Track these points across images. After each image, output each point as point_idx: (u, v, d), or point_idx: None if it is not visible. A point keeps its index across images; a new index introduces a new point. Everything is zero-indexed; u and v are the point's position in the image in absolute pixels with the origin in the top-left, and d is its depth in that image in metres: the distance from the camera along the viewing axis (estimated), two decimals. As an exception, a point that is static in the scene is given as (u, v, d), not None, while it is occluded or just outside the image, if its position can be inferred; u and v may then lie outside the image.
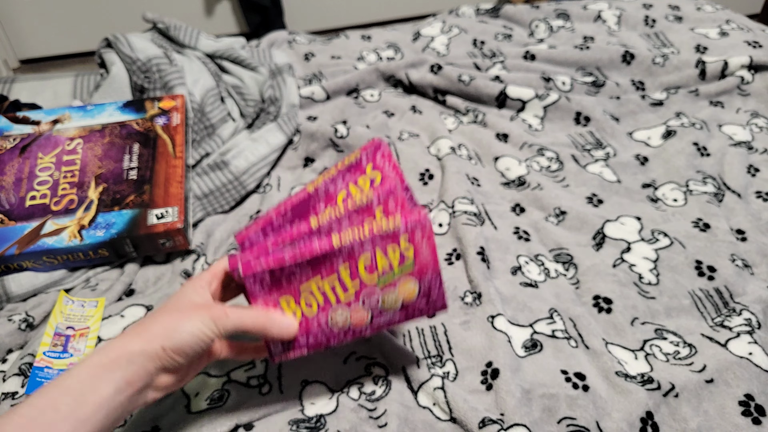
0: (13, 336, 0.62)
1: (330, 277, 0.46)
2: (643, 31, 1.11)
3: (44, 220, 0.69)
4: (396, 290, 0.48)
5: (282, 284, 0.46)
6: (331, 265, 0.46)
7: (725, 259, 0.68)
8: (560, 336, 0.60)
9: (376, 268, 0.47)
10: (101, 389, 0.40)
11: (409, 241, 0.46)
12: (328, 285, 0.47)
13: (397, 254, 0.47)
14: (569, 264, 0.69)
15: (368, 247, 0.46)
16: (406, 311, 0.49)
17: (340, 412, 0.54)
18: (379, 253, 0.46)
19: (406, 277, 0.48)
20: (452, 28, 1.12)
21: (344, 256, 0.46)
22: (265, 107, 0.93)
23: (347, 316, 0.48)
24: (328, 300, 0.47)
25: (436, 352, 0.59)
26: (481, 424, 0.51)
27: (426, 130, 0.90)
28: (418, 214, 0.47)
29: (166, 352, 0.42)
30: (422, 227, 0.46)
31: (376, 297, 0.48)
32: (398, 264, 0.47)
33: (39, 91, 0.95)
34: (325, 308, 0.48)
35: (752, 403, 0.54)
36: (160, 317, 0.44)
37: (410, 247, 0.47)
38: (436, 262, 0.48)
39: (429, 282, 0.48)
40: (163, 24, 0.99)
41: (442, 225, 0.73)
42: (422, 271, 0.48)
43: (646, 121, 0.93)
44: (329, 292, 0.47)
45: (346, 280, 0.47)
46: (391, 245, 0.46)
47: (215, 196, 0.79)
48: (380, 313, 0.49)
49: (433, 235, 0.47)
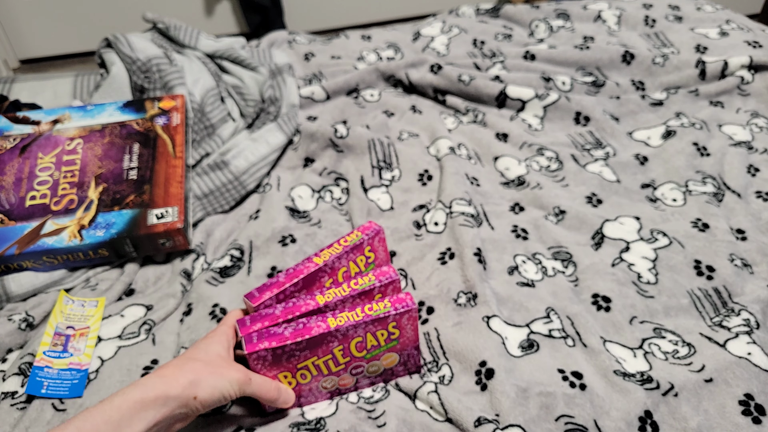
0: (13, 336, 0.62)
1: (324, 357, 0.52)
2: (643, 31, 1.11)
3: (44, 220, 0.69)
4: (380, 361, 0.55)
5: (282, 362, 0.51)
6: (327, 347, 0.52)
7: (724, 259, 0.68)
8: (557, 335, 0.60)
9: (365, 347, 0.53)
10: (136, 425, 0.43)
11: (395, 327, 0.53)
12: (322, 362, 0.53)
13: (384, 336, 0.53)
14: (568, 262, 0.69)
15: (360, 331, 0.52)
16: (385, 374, 0.57)
17: (339, 413, 0.54)
18: (369, 336, 0.53)
19: (390, 352, 0.55)
20: (452, 28, 1.12)
21: (339, 339, 0.52)
22: (265, 107, 0.93)
23: (335, 383, 0.55)
24: (321, 372, 0.53)
25: (431, 359, 0.59)
26: (477, 423, 0.51)
27: (426, 130, 0.90)
28: (407, 302, 0.53)
29: (196, 401, 0.46)
30: (409, 314, 0.53)
31: (363, 368, 0.55)
32: (385, 342, 0.54)
33: (39, 91, 0.95)
34: (317, 378, 0.54)
35: (752, 403, 0.54)
36: (199, 368, 0.47)
37: (396, 331, 0.53)
38: (416, 339, 0.55)
39: (408, 354, 0.56)
40: (163, 24, 0.99)
41: (438, 224, 0.73)
42: (404, 346, 0.55)
43: (646, 121, 0.93)
44: (323, 367, 0.53)
45: (338, 357, 0.53)
46: (381, 330, 0.53)
47: (215, 196, 0.79)
48: (364, 377, 0.56)
49: (417, 318, 0.54)
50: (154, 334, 0.63)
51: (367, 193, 0.80)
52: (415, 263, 0.70)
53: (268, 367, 0.51)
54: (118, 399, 0.44)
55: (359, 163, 0.84)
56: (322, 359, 0.52)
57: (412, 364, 0.57)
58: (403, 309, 0.52)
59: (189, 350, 0.50)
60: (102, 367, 0.60)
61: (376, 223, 0.61)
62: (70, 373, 0.58)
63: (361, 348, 0.53)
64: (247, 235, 0.75)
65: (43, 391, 0.56)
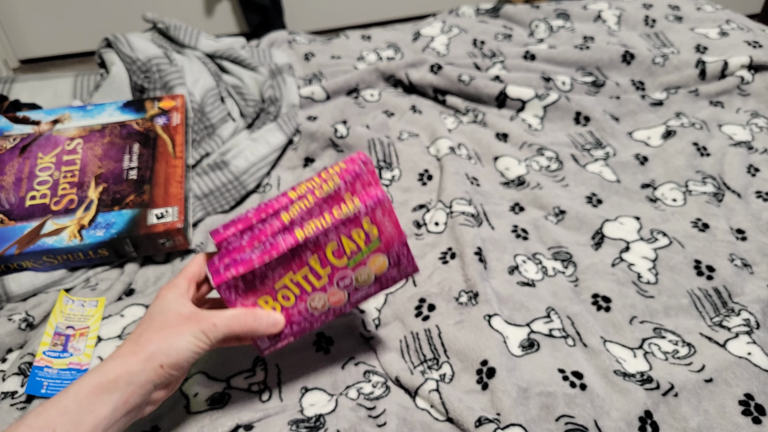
0: (12, 335, 0.62)
1: (302, 270, 0.48)
2: (643, 31, 1.11)
3: (44, 220, 0.69)
4: (367, 267, 0.50)
5: (257, 287, 0.48)
6: (300, 260, 0.47)
7: (724, 259, 0.68)
8: (557, 335, 0.60)
9: (345, 252, 0.48)
10: (98, 409, 0.41)
11: (371, 222, 0.48)
12: (300, 277, 0.48)
13: (362, 236, 0.48)
14: (568, 262, 0.69)
15: (333, 236, 0.47)
16: (380, 282, 0.52)
17: (339, 411, 0.54)
18: (345, 239, 0.48)
19: (375, 254, 0.49)
20: (452, 28, 1.12)
21: (311, 248, 0.47)
22: (265, 107, 0.93)
23: (325, 300, 0.50)
24: (303, 290, 0.49)
25: (432, 356, 0.59)
26: (477, 423, 0.51)
27: (426, 129, 0.90)
28: (376, 193, 0.48)
29: (164, 369, 0.43)
30: (381, 206, 0.48)
31: (350, 277, 0.50)
32: (365, 244, 0.49)
33: (39, 91, 0.95)
34: (302, 297, 0.49)
35: (752, 403, 0.54)
36: (154, 335, 0.44)
37: (373, 227, 0.48)
38: (400, 234, 0.50)
39: (397, 253, 0.50)
40: (163, 24, 0.99)
41: (438, 224, 0.73)
42: (389, 244, 0.50)
43: (646, 121, 0.93)
44: (303, 283, 0.49)
45: (317, 269, 0.48)
46: (355, 230, 0.48)
47: (215, 196, 0.79)
48: (356, 290, 0.51)
49: (393, 210, 0.49)
50: (154, 334, 0.63)
51: (367, 193, 0.80)
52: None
53: (244, 296, 0.48)
54: (74, 388, 0.41)
55: (359, 163, 0.84)
56: (299, 274, 0.48)
57: (405, 264, 0.52)
58: (373, 202, 0.47)
59: (142, 320, 0.47)
60: (102, 367, 0.60)
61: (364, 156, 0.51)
62: (70, 373, 0.58)
63: (340, 254, 0.48)
64: (247, 235, 0.75)
65: (43, 391, 0.56)
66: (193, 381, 0.57)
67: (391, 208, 0.49)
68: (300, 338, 0.51)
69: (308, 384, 0.57)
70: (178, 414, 0.54)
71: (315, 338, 0.61)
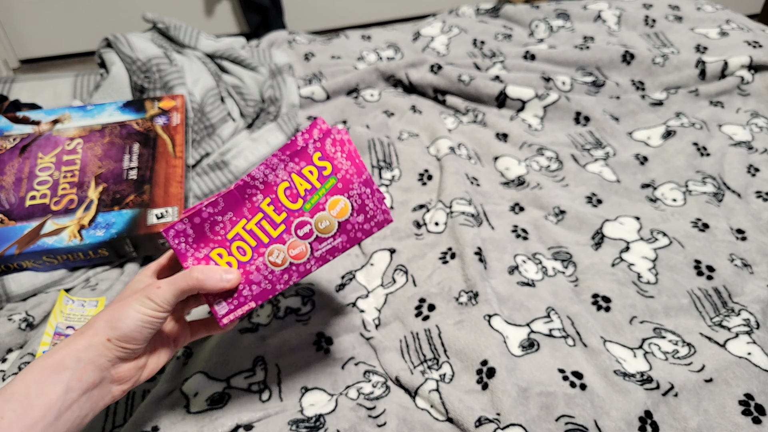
0: (13, 335, 0.62)
1: (255, 217, 0.45)
2: (643, 31, 1.11)
3: (44, 220, 0.69)
4: (326, 212, 0.45)
5: (207, 236, 0.45)
6: (252, 204, 0.44)
7: (724, 258, 0.68)
8: (557, 335, 0.60)
9: (299, 193, 0.45)
10: (48, 391, 0.40)
11: (323, 157, 0.44)
12: (254, 225, 0.45)
13: (315, 174, 0.44)
14: (568, 262, 0.69)
15: (283, 174, 0.44)
16: (347, 234, 0.46)
17: (339, 411, 0.54)
18: (296, 178, 0.44)
19: (333, 196, 0.45)
20: (452, 28, 1.12)
21: (262, 190, 0.44)
22: (265, 107, 0.93)
23: (284, 253, 0.46)
24: (259, 240, 0.45)
25: (432, 356, 0.59)
26: (477, 423, 0.51)
27: (426, 129, 0.90)
28: (326, 127, 0.44)
29: (112, 342, 0.42)
30: (331, 138, 0.44)
31: (308, 224, 0.45)
32: (319, 183, 0.45)
33: (39, 91, 0.95)
34: (258, 250, 0.45)
35: (752, 403, 0.54)
36: (103, 312, 0.44)
37: (326, 164, 0.45)
38: (361, 172, 0.45)
39: (360, 195, 0.46)
40: (163, 24, 0.99)
41: (438, 224, 0.73)
42: (347, 184, 0.45)
43: (645, 120, 0.93)
44: (258, 232, 0.45)
45: (272, 215, 0.45)
46: (307, 167, 0.44)
47: (215, 196, 0.79)
48: (318, 241, 0.46)
49: (349, 144, 0.45)
50: (154, 334, 0.63)
51: (367, 193, 0.80)
52: (416, 261, 0.70)
53: (195, 247, 0.45)
54: (21, 374, 0.40)
55: (359, 163, 0.84)
56: (253, 221, 0.44)
57: (373, 209, 0.46)
58: (322, 134, 0.43)
59: None
60: (102, 367, 0.60)
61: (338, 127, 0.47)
62: (70, 372, 0.58)
63: (294, 196, 0.44)
64: (247, 235, 0.75)
65: (43, 391, 0.56)
66: (193, 381, 0.57)
67: (344, 141, 0.44)
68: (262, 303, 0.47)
69: (308, 384, 0.57)
70: (178, 414, 0.54)
71: (315, 338, 0.61)
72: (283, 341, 0.60)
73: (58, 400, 0.40)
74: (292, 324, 0.62)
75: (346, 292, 0.67)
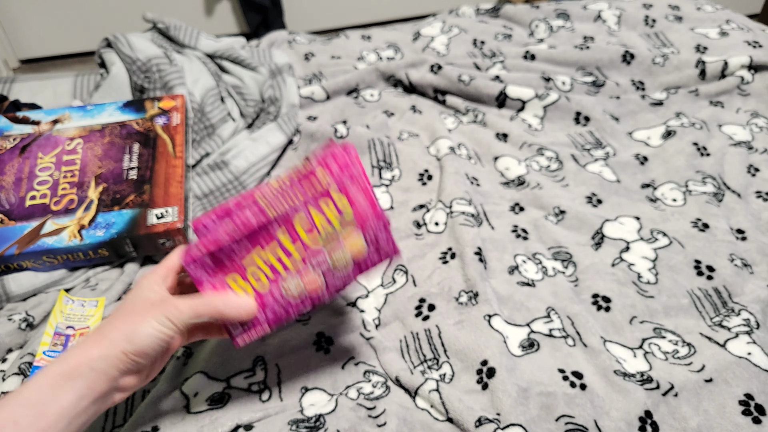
0: (13, 335, 0.62)
1: (270, 246, 0.45)
2: (643, 31, 1.11)
3: (44, 220, 0.69)
4: (343, 247, 0.46)
5: (224, 263, 0.46)
6: (268, 233, 0.45)
7: (724, 258, 0.68)
8: (557, 335, 0.60)
9: (315, 226, 0.45)
10: (62, 398, 0.40)
11: (340, 191, 0.45)
12: (271, 255, 0.45)
13: (332, 208, 0.45)
14: (568, 262, 0.69)
15: (299, 205, 0.44)
16: (359, 266, 0.48)
17: (339, 411, 0.54)
18: (314, 211, 0.45)
19: (349, 231, 0.46)
20: (452, 28, 1.12)
21: (279, 220, 0.45)
22: (265, 107, 0.93)
23: (300, 285, 0.47)
24: (276, 270, 0.46)
25: (432, 356, 0.59)
26: (477, 423, 0.51)
27: (426, 129, 0.90)
28: (345, 160, 0.44)
29: (127, 356, 0.43)
30: (349, 173, 0.44)
31: (324, 258, 0.46)
32: (336, 217, 0.45)
33: (39, 91, 0.95)
34: (275, 280, 0.46)
35: (752, 403, 0.54)
36: (118, 322, 0.44)
37: (343, 197, 0.45)
38: (374, 207, 0.46)
39: (373, 231, 0.47)
40: (163, 24, 0.99)
41: (438, 224, 0.73)
42: (363, 220, 0.46)
43: (645, 121, 0.93)
44: (275, 262, 0.46)
45: (287, 245, 0.45)
46: (323, 199, 0.45)
47: (215, 196, 0.79)
48: (333, 274, 0.47)
49: (364, 179, 0.45)
50: (154, 334, 0.63)
51: (367, 193, 0.80)
52: (416, 261, 0.70)
53: (212, 273, 0.46)
54: (36, 378, 0.40)
55: (359, 163, 0.84)
56: (268, 249, 0.45)
57: (385, 245, 0.48)
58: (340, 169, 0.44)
59: (115, 309, 0.46)
60: (102, 367, 0.60)
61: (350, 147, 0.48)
62: (70, 373, 0.58)
63: (310, 228, 0.45)
64: (247, 235, 0.75)
65: (43, 391, 0.56)
66: (193, 381, 0.57)
67: (361, 176, 0.45)
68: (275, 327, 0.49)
69: (308, 384, 0.57)
70: (178, 414, 0.54)
71: (315, 338, 0.61)
72: (283, 341, 0.60)
73: (70, 407, 0.40)
74: (292, 324, 0.63)
75: (346, 292, 0.67)
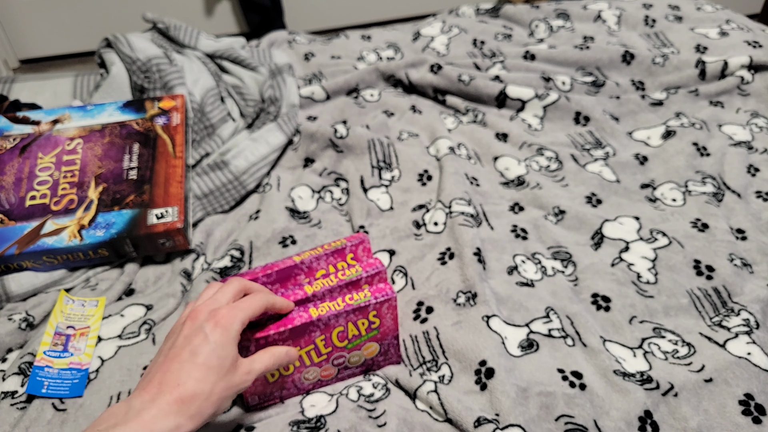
0: (13, 335, 0.62)
1: (307, 347, 0.53)
2: (643, 31, 1.11)
3: (44, 220, 0.69)
4: (361, 351, 0.56)
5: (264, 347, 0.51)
6: (309, 337, 0.52)
7: (724, 258, 0.68)
8: (557, 335, 0.60)
9: (347, 336, 0.54)
10: None
11: (376, 316, 0.54)
12: (304, 353, 0.53)
13: (365, 325, 0.54)
14: (567, 262, 0.69)
15: (342, 321, 0.53)
16: (366, 365, 0.58)
17: (339, 411, 0.54)
18: (351, 325, 0.53)
19: (371, 341, 0.56)
20: (452, 28, 1.12)
21: (321, 329, 0.52)
22: (265, 107, 0.93)
23: (318, 374, 0.56)
24: (303, 363, 0.54)
25: (431, 357, 0.59)
26: (476, 424, 0.51)
27: (426, 129, 0.90)
28: (387, 290, 0.54)
29: None
30: (389, 303, 0.54)
31: (344, 358, 0.56)
32: (366, 332, 0.55)
33: (39, 91, 0.95)
34: (299, 369, 0.54)
35: (752, 403, 0.54)
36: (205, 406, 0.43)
37: (377, 320, 0.54)
38: (396, 329, 0.56)
39: (388, 344, 0.57)
40: (163, 24, 0.99)
41: (437, 224, 0.73)
42: (384, 336, 0.56)
43: (645, 121, 0.93)
44: (305, 357, 0.54)
45: (321, 348, 0.54)
46: (361, 319, 0.54)
47: (215, 196, 0.79)
48: (346, 368, 0.57)
49: (396, 307, 0.54)
50: (154, 334, 0.63)
51: (367, 193, 0.80)
52: (415, 263, 0.70)
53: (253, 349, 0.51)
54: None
55: (359, 163, 0.84)
56: (304, 349, 0.53)
57: (392, 353, 0.58)
58: (383, 298, 0.53)
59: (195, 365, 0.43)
60: (102, 366, 0.60)
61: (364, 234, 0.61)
62: (70, 372, 0.58)
63: (343, 338, 0.54)
64: (247, 235, 0.75)
65: (43, 391, 0.56)
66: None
67: (395, 306, 0.54)
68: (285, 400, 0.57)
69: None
70: (178, 414, 0.54)
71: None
72: (283, 341, 0.61)
73: None
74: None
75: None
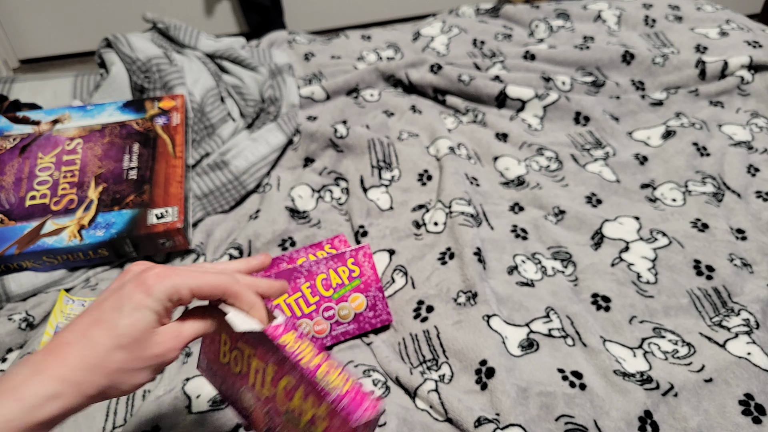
0: (13, 335, 0.62)
1: (295, 294, 0.58)
2: (643, 31, 1.11)
3: (44, 220, 0.69)
4: (348, 303, 0.60)
5: None
6: (295, 284, 0.57)
7: (723, 258, 0.68)
8: (557, 335, 0.60)
9: (331, 284, 0.59)
10: None
11: (354, 264, 0.60)
12: (293, 300, 0.58)
13: (346, 273, 0.60)
14: (567, 262, 0.69)
15: (323, 267, 0.59)
16: (357, 323, 0.61)
17: (339, 411, 0.54)
18: (332, 273, 0.59)
19: (355, 293, 0.60)
20: (452, 28, 1.12)
21: (305, 275, 0.57)
22: (265, 107, 0.93)
23: (310, 327, 0.59)
24: (294, 312, 0.58)
25: (431, 356, 0.59)
26: (477, 423, 0.51)
27: (425, 129, 0.90)
28: (363, 244, 0.61)
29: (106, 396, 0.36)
30: (364, 251, 0.60)
31: (333, 310, 0.59)
32: (348, 281, 0.60)
33: (39, 91, 0.95)
34: (291, 319, 0.57)
35: (752, 403, 0.54)
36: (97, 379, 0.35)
37: (356, 268, 0.60)
38: (377, 280, 0.61)
39: (374, 297, 0.61)
40: (163, 24, 0.99)
41: (437, 224, 0.73)
42: (368, 286, 0.61)
43: (645, 120, 0.93)
44: (294, 306, 0.58)
45: (308, 295, 0.58)
46: (341, 267, 0.59)
47: (215, 196, 0.79)
48: (337, 324, 0.60)
49: (373, 258, 0.61)
50: (154, 334, 0.63)
51: (367, 192, 0.80)
52: (415, 262, 0.70)
53: None
54: None
55: (359, 163, 0.84)
56: (293, 297, 0.57)
57: (380, 309, 0.61)
58: (358, 247, 0.60)
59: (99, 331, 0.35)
60: (102, 366, 0.60)
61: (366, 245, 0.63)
62: (70, 372, 0.58)
63: (327, 286, 0.59)
64: (247, 235, 0.75)
65: (43, 391, 0.56)
66: (196, 382, 0.57)
67: (370, 254, 0.61)
68: None
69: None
70: (179, 414, 0.54)
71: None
72: (283, 341, 0.60)
73: None
74: (292, 324, 0.63)
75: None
